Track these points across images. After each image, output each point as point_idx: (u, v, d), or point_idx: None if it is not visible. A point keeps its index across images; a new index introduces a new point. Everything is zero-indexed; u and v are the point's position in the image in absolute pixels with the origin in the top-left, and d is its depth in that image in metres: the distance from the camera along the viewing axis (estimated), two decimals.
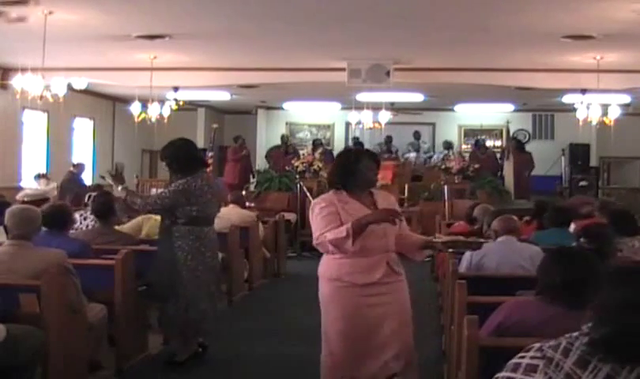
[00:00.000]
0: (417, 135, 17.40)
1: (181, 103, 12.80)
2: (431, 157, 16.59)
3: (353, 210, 3.69)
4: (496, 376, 1.96)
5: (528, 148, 16.34)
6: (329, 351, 3.76)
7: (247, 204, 11.49)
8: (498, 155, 16.20)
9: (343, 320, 3.69)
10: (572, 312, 2.73)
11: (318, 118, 18.73)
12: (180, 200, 5.07)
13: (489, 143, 17.66)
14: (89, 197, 7.80)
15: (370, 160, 3.86)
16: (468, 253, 4.88)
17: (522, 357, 1.91)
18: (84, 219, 6.53)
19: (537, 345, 1.90)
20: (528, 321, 2.89)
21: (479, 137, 17.24)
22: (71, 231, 6.27)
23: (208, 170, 13.22)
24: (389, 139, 16.36)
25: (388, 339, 3.69)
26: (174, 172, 5.26)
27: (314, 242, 3.73)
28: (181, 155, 5.22)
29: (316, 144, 16.43)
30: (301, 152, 14.22)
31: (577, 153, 17.09)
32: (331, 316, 3.74)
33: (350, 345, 3.68)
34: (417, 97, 15.37)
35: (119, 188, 5.33)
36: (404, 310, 3.81)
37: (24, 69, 8.57)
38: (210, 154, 13.60)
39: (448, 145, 16.50)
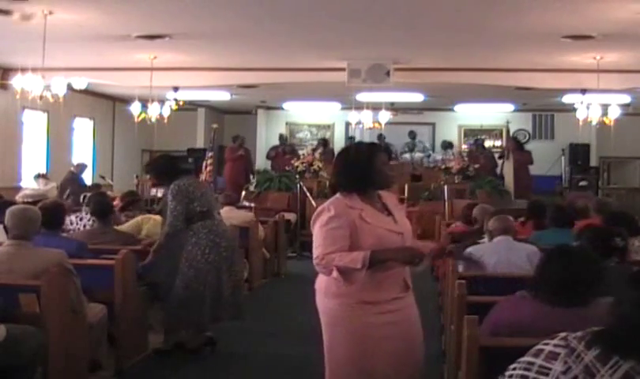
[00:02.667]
0: (412, 135, 17.38)
1: (181, 103, 12.79)
2: (429, 156, 16.58)
3: (372, 219, 3.16)
4: (518, 360, 1.97)
5: (528, 147, 16.32)
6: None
7: (247, 204, 11.51)
8: (497, 155, 16.20)
9: (352, 343, 3.16)
10: (568, 310, 2.80)
11: (318, 118, 18.74)
12: (184, 201, 5.29)
13: (489, 143, 17.68)
14: (84, 197, 7.80)
15: (384, 154, 3.34)
16: (466, 253, 4.87)
17: (546, 343, 1.92)
18: (80, 220, 6.52)
19: (563, 334, 1.91)
20: (522, 319, 2.91)
21: (478, 137, 17.25)
22: (69, 231, 6.30)
23: (208, 169, 13.35)
24: (381, 137, 16.32)
25: (394, 366, 3.19)
26: (161, 184, 5.62)
27: (315, 261, 3.12)
28: (166, 167, 5.53)
29: (320, 143, 16.43)
30: (300, 152, 14.21)
31: (577, 153, 17.10)
32: (337, 339, 3.20)
33: (358, 371, 3.17)
34: (417, 97, 15.37)
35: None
36: (416, 329, 3.31)
37: (24, 69, 8.56)
38: (210, 154, 13.60)
39: (447, 145, 16.48)
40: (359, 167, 3.22)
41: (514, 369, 1.96)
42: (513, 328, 2.92)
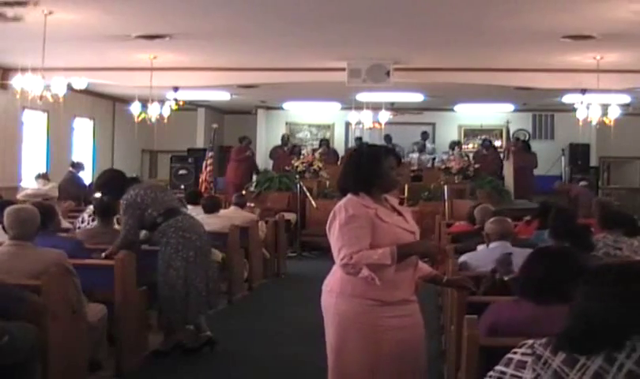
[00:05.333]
0: (425, 135, 17.29)
1: (181, 103, 12.80)
2: (434, 158, 16.48)
3: (388, 218, 3.19)
4: (493, 368, 2.00)
5: None
6: None
7: (248, 203, 11.52)
8: (502, 156, 16.19)
9: (364, 345, 3.15)
10: (557, 307, 2.83)
11: (318, 118, 18.74)
12: (136, 213, 5.29)
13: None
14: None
15: (393, 158, 3.33)
16: (462, 259, 4.84)
17: (515, 352, 1.97)
18: (93, 220, 6.54)
19: (530, 342, 1.95)
20: (519, 319, 2.94)
21: (486, 137, 17.18)
22: (77, 229, 6.34)
23: (208, 169, 13.35)
24: (388, 138, 16.28)
25: (399, 372, 3.20)
26: (110, 200, 5.68)
27: (343, 261, 3.07)
28: (115, 181, 5.56)
29: (322, 144, 16.41)
30: (304, 152, 14.20)
31: (577, 153, 17.10)
32: (348, 341, 3.17)
33: (367, 374, 3.17)
34: (417, 97, 15.37)
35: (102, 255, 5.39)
36: (423, 333, 3.34)
37: (24, 69, 8.56)
38: (210, 154, 13.62)
39: (454, 145, 16.40)
40: (366, 169, 3.25)
41: (490, 377, 1.99)
42: (511, 328, 2.96)
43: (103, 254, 5.28)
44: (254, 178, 14.84)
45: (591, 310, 1.83)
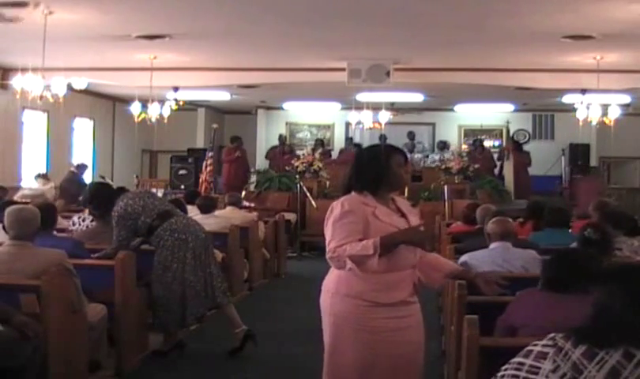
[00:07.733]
0: (411, 135, 17.32)
1: (181, 103, 12.80)
2: (427, 157, 16.53)
3: (385, 217, 3.18)
4: (510, 361, 2.04)
5: (528, 148, 16.37)
6: None
7: (247, 203, 11.51)
8: (496, 156, 16.21)
9: (358, 346, 3.13)
10: (572, 296, 3.09)
11: (318, 118, 18.74)
12: (128, 223, 5.30)
13: (489, 143, 17.66)
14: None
15: (400, 156, 3.33)
16: (462, 259, 4.83)
17: (535, 344, 2.03)
18: (83, 220, 6.50)
19: (551, 334, 2.01)
20: (533, 309, 3.16)
21: (477, 137, 17.22)
22: (72, 232, 6.29)
23: (208, 169, 13.35)
24: (384, 138, 16.24)
25: (395, 373, 3.18)
26: (100, 214, 5.72)
27: (328, 255, 3.13)
28: (106, 195, 5.64)
29: (317, 144, 16.41)
30: (300, 152, 14.19)
31: (577, 153, 17.09)
32: (343, 341, 3.16)
33: (359, 375, 3.15)
34: (417, 97, 15.37)
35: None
36: (421, 335, 3.31)
37: (24, 69, 8.57)
38: (210, 154, 13.62)
39: (443, 145, 16.47)
40: (375, 167, 3.26)
41: (506, 369, 2.04)
42: (527, 320, 3.13)
43: (92, 255, 5.29)
44: (253, 178, 14.85)
45: (610, 307, 1.90)
